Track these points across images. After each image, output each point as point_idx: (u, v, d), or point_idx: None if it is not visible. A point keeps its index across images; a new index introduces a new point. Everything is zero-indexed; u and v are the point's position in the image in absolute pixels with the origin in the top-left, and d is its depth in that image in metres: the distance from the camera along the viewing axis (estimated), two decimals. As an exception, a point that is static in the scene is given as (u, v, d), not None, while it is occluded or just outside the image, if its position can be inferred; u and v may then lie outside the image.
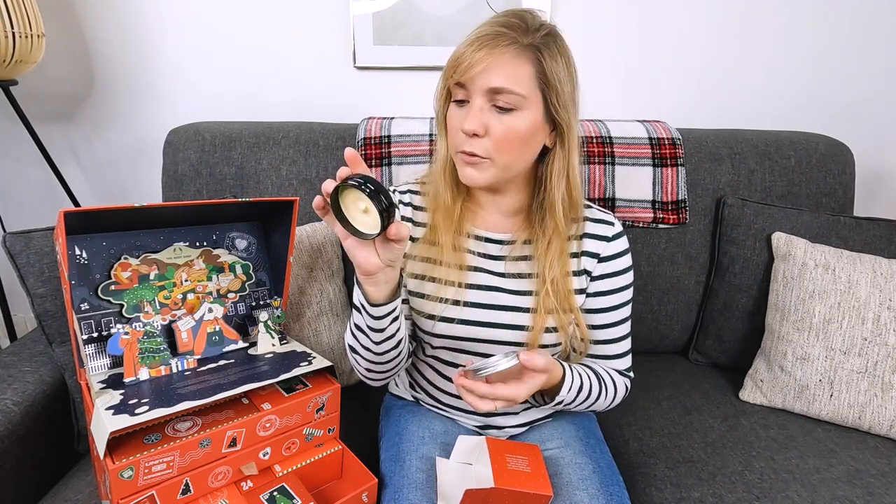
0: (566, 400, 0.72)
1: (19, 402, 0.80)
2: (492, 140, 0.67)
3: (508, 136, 0.67)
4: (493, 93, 0.65)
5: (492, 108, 0.66)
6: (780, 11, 1.34)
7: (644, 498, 0.81)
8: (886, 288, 0.94)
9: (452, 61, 0.67)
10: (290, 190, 1.09)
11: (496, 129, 0.66)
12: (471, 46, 0.65)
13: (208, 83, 1.36)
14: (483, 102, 0.66)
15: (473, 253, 0.78)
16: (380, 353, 0.70)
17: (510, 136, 0.67)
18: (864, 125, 1.43)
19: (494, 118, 0.66)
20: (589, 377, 0.74)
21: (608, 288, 0.78)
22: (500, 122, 0.66)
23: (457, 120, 0.68)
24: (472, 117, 0.66)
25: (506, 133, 0.66)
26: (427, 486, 0.70)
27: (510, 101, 0.65)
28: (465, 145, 0.68)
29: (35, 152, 1.28)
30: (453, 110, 0.70)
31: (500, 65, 0.64)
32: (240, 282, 0.81)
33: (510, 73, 0.64)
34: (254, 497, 0.63)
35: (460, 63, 0.65)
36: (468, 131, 0.66)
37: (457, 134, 0.69)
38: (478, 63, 0.63)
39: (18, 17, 1.05)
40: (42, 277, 0.82)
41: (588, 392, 0.73)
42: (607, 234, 0.77)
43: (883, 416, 0.91)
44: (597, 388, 0.74)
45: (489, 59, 0.63)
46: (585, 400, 0.74)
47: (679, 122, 1.32)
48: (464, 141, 0.68)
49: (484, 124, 0.66)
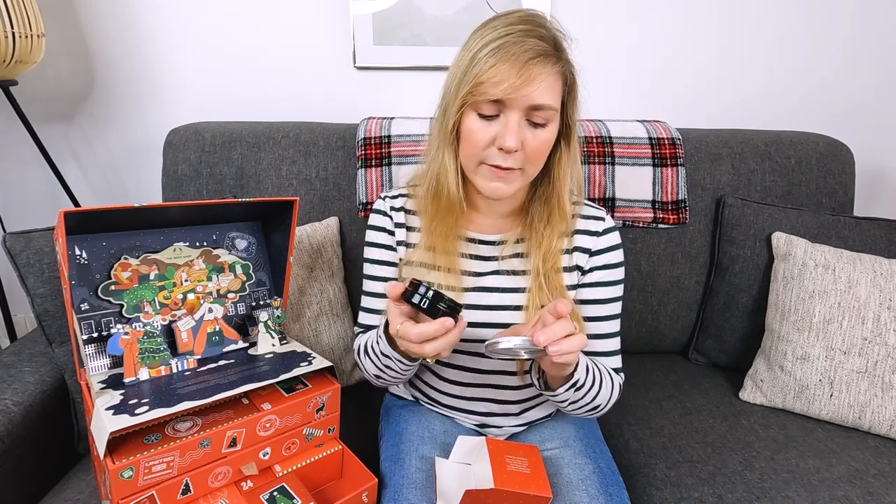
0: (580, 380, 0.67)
1: (19, 402, 0.80)
2: (525, 154, 0.67)
3: (541, 149, 0.68)
4: (532, 110, 0.65)
5: (526, 123, 0.66)
6: (781, 11, 1.34)
7: (644, 498, 0.81)
8: (886, 288, 0.94)
9: (486, 77, 0.63)
10: (290, 190, 1.09)
11: (531, 143, 0.66)
12: (513, 64, 0.62)
13: (208, 83, 1.36)
14: (520, 118, 0.65)
15: (467, 255, 0.78)
16: (398, 376, 0.74)
17: (542, 148, 0.68)
18: (864, 125, 1.43)
19: (529, 133, 0.66)
20: (595, 365, 0.72)
21: (598, 280, 0.78)
22: (535, 137, 0.66)
23: (483, 134, 0.67)
24: (513, 134, 0.64)
25: (539, 146, 0.67)
26: (427, 486, 0.70)
27: (547, 116, 0.66)
28: (498, 160, 0.67)
29: (35, 152, 1.28)
30: (475, 123, 0.67)
31: (544, 85, 0.64)
32: (240, 282, 0.81)
33: (551, 91, 0.65)
34: (254, 497, 0.63)
35: (501, 81, 0.62)
36: (511, 149, 0.65)
37: (483, 147, 0.67)
38: (526, 84, 0.62)
39: (18, 17, 1.05)
40: (42, 277, 0.82)
41: (594, 377, 0.70)
42: (598, 228, 0.78)
43: (883, 416, 0.91)
44: (599, 375, 0.71)
45: (538, 80, 0.63)
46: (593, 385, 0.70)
47: (679, 122, 1.32)
48: (496, 155, 0.67)
49: (521, 140, 0.66)
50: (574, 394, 0.68)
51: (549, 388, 0.70)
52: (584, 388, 0.68)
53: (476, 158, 0.69)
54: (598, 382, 0.71)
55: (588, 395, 0.70)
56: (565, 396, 0.68)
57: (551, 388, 0.69)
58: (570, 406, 0.72)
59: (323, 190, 1.10)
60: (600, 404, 0.73)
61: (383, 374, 0.75)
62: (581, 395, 0.69)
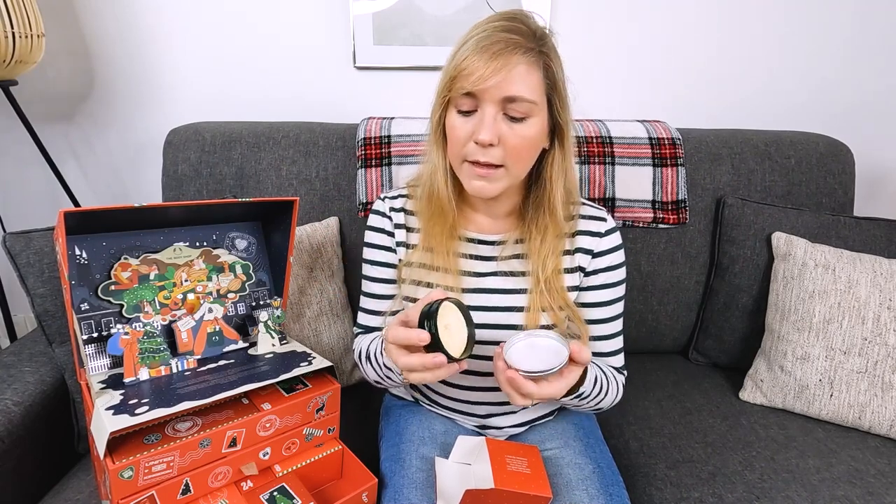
0: (586, 391, 0.68)
1: (19, 402, 0.80)
2: (504, 149, 0.66)
3: (522, 145, 0.67)
4: (506, 102, 0.64)
5: (503, 116, 0.65)
6: (781, 11, 1.34)
7: (644, 498, 0.81)
8: (886, 288, 0.94)
9: (458, 70, 0.64)
10: (290, 190, 1.09)
11: (509, 138, 0.66)
12: (482, 55, 0.62)
13: (208, 83, 1.36)
14: (495, 112, 0.65)
15: (466, 256, 0.78)
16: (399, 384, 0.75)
17: (523, 144, 0.67)
18: (864, 125, 1.43)
19: (507, 127, 0.66)
20: (602, 370, 0.74)
21: (602, 282, 0.78)
22: (513, 131, 0.66)
23: (462, 130, 0.67)
24: (488, 127, 0.64)
25: (520, 142, 0.66)
26: (427, 486, 0.70)
27: (523, 109, 0.65)
28: (478, 155, 0.66)
29: (35, 152, 1.28)
30: (456, 120, 0.67)
31: (515, 74, 0.63)
32: (240, 282, 0.81)
33: (525, 81, 0.64)
34: (254, 497, 0.63)
35: (471, 73, 0.62)
36: (485, 142, 0.64)
37: (463, 144, 0.67)
38: (495, 73, 0.62)
39: (18, 17, 1.05)
40: (42, 277, 0.82)
41: (601, 386, 0.72)
42: (600, 229, 0.78)
43: (883, 416, 0.91)
44: (606, 383, 0.73)
45: (506, 69, 0.62)
46: (598, 394, 0.71)
47: (679, 122, 1.32)
48: (475, 151, 0.66)
49: (497, 134, 0.65)
50: (578, 401, 0.71)
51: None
52: (589, 397, 0.71)
53: (459, 156, 0.69)
54: (604, 391, 0.73)
55: (592, 402, 0.73)
56: (569, 403, 0.71)
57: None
58: (574, 407, 0.75)
59: (323, 190, 1.10)
60: (603, 407, 0.76)
61: (384, 382, 0.77)
62: (585, 402, 0.72)
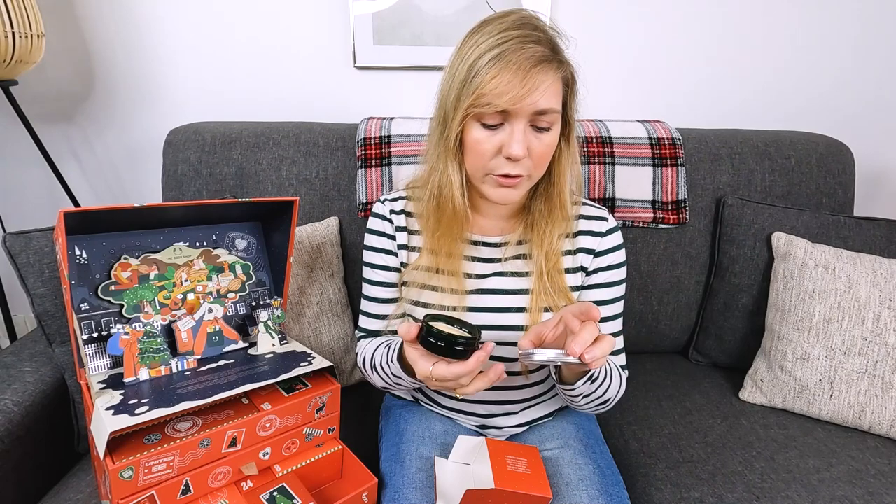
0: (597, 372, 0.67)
1: (19, 402, 0.80)
2: (532, 160, 0.66)
3: (546, 153, 0.67)
4: (537, 114, 0.64)
5: (530, 128, 0.65)
6: (781, 11, 1.34)
7: (644, 498, 0.81)
8: (886, 288, 0.94)
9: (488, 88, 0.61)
10: (290, 190, 1.09)
11: (536, 148, 0.66)
12: (516, 73, 0.60)
13: (208, 83, 1.36)
14: (526, 125, 0.64)
15: (468, 258, 0.78)
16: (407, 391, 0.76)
17: (547, 151, 0.67)
18: (865, 125, 1.43)
19: (534, 138, 0.65)
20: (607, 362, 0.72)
21: (603, 281, 0.78)
22: (540, 142, 0.66)
23: (489, 144, 0.65)
24: (520, 142, 0.63)
25: (545, 150, 0.67)
26: (427, 486, 0.70)
27: (551, 119, 0.65)
28: (506, 168, 0.66)
29: (35, 152, 1.28)
30: (479, 133, 0.65)
31: (545, 88, 0.62)
32: (240, 282, 0.81)
33: (553, 93, 0.64)
34: (254, 497, 0.63)
35: (505, 92, 0.60)
36: (519, 156, 0.64)
37: (490, 158, 0.66)
38: (530, 93, 0.61)
39: (18, 17, 1.05)
40: (42, 277, 0.82)
41: (607, 371, 0.70)
42: (602, 229, 0.78)
43: (883, 416, 0.91)
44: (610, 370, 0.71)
45: (543, 86, 0.62)
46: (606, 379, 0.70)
47: (679, 122, 1.32)
48: (503, 164, 0.66)
49: (527, 146, 0.65)
50: (590, 386, 0.68)
51: (563, 381, 0.69)
52: (599, 380, 0.68)
53: (483, 169, 0.68)
54: (610, 375, 0.71)
55: (601, 387, 0.69)
56: (581, 390, 0.67)
57: (568, 382, 0.68)
58: (583, 400, 0.70)
59: (323, 190, 1.10)
60: (610, 398, 0.73)
61: (392, 389, 0.77)
62: (595, 388, 0.69)
